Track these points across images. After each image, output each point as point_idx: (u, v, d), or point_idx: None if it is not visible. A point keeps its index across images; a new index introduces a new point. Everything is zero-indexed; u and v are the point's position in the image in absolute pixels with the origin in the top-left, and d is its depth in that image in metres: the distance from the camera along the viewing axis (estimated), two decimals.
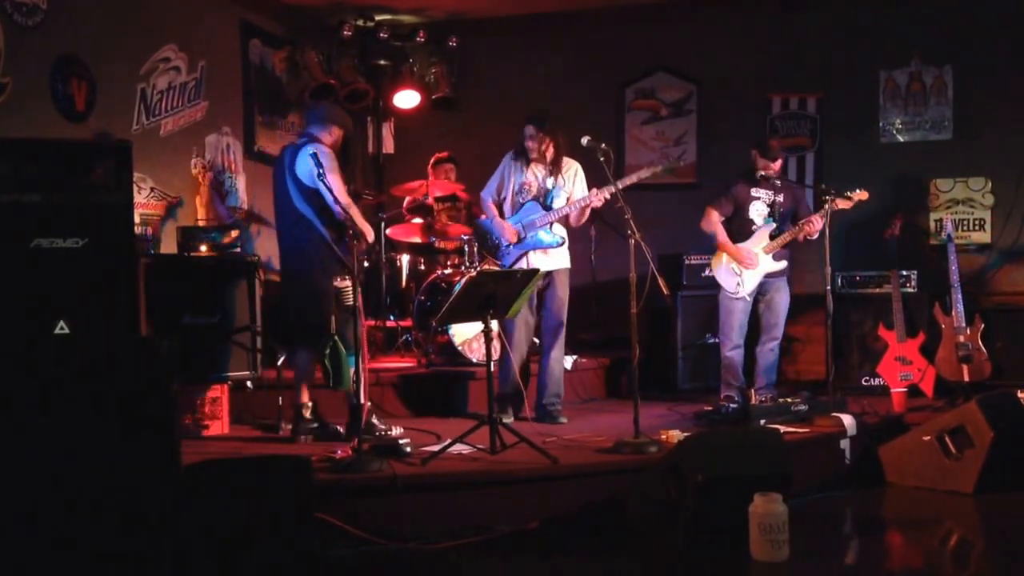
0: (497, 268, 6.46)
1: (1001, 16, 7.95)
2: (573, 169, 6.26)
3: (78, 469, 3.60)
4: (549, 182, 6.23)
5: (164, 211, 7.18)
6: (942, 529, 5.10)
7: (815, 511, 5.07)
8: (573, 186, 6.23)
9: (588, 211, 6.20)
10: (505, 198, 6.35)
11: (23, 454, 3.57)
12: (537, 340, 6.51)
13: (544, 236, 6.19)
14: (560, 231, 6.27)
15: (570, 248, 6.33)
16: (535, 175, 6.27)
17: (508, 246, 6.26)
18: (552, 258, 6.22)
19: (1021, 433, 5.36)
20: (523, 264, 6.18)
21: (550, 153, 6.21)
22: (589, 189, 6.16)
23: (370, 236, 5.60)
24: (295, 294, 5.64)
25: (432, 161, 8.27)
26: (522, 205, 6.25)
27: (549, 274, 6.18)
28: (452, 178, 8.20)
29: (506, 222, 6.28)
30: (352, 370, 5.45)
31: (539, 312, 6.28)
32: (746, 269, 6.58)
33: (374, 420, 5.64)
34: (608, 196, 5.98)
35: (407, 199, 8.19)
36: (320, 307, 5.51)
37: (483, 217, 6.62)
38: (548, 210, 6.17)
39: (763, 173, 6.63)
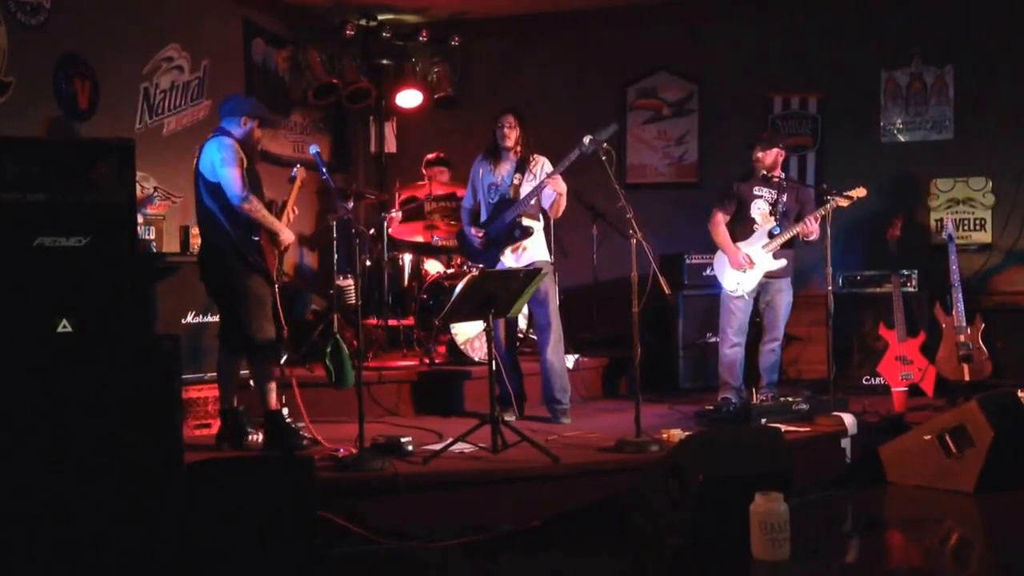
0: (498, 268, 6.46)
1: (1001, 16, 7.96)
2: (541, 163, 6.23)
3: (80, 468, 3.62)
4: (516, 178, 6.21)
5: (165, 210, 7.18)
6: (942, 528, 5.11)
7: (816, 510, 5.07)
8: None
9: (563, 197, 6.11)
10: (479, 202, 6.39)
11: (25, 453, 3.58)
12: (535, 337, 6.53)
13: (515, 231, 6.17)
14: (531, 222, 6.19)
15: (571, 248, 6.35)
16: (502, 175, 6.27)
17: (482, 248, 6.26)
18: (530, 252, 6.21)
19: (1021, 432, 5.37)
20: (504, 261, 6.18)
21: (521, 147, 6.24)
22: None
23: (285, 236, 5.41)
24: (213, 294, 5.52)
25: (424, 162, 8.28)
26: (493, 205, 6.27)
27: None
28: (444, 180, 8.19)
29: (472, 226, 6.33)
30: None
31: (528, 309, 6.25)
32: (739, 272, 6.58)
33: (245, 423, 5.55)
34: (559, 175, 5.97)
35: (400, 198, 8.23)
36: (234, 307, 5.36)
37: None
38: (515, 203, 6.17)
39: (765, 172, 6.63)
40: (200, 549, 3.83)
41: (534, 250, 6.26)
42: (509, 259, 6.20)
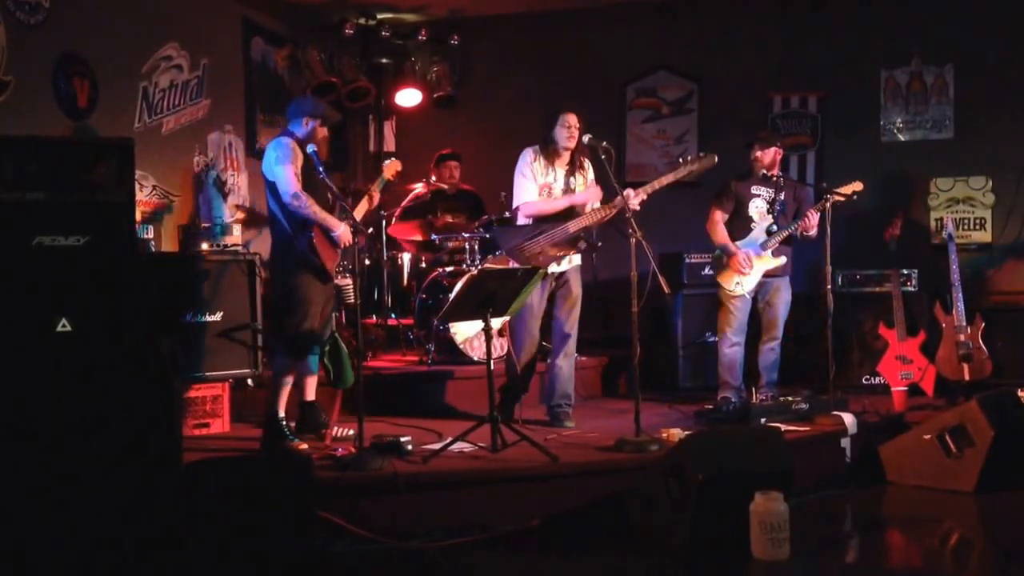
0: (498, 267, 6.43)
1: (1001, 16, 7.95)
2: (587, 165, 6.09)
3: (79, 468, 3.61)
4: (571, 182, 6.03)
5: (153, 209, 7.13)
6: (942, 528, 5.10)
7: (816, 509, 5.07)
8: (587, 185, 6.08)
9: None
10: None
11: (24, 452, 3.58)
12: (544, 342, 6.46)
13: (579, 242, 5.94)
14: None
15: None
16: (555, 176, 6.01)
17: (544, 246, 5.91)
18: (569, 257, 6.07)
19: (1021, 432, 5.37)
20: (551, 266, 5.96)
21: (575, 150, 5.99)
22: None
23: (339, 233, 5.38)
24: (273, 293, 5.58)
25: (436, 158, 8.26)
26: None
27: (563, 274, 6.07)
28: (457, 175, 8.19)
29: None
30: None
31: (552, 312, 6.12)
32: (740, 274, 6.56)
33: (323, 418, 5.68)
34: (645, 197, 5.80)
35: (406, 199, 8.21)
36: (278, 302, 5.43)
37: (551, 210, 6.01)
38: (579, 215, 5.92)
39: (763, 171, 6.63)
40: (199, 549, 3.82)
41: (575, 256, 6.10)
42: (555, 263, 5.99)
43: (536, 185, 5.97)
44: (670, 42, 8.89)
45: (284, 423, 5.42)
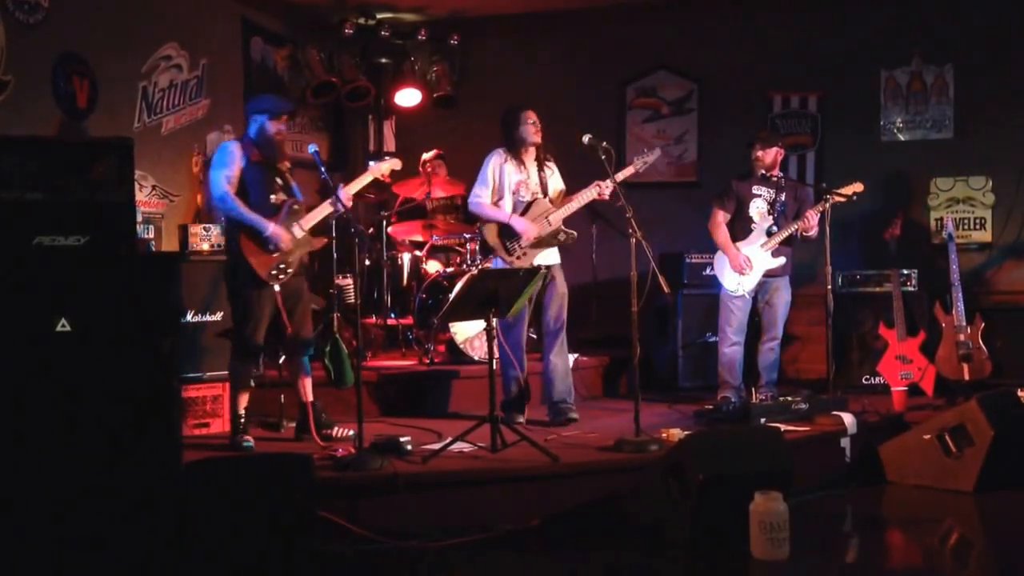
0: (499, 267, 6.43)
1: (1001, 16, 7.95)
2: (552, 163, 6.26)
3: (79, 467, 3.61)
4: (544, 176, 6.18)
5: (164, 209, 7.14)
6: (942, 528, 5.10)
7: (815, 509, 5.07)
8: (556, 181, 6.25)
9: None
10: (501, 198, 6.16)
11: (24, 453, 3.57)
12: (535, 336, 6.48)
13: (559, 234, 6.09)
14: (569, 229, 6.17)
15: (571, 248, 6.28)
16: (527, 172, 6.16)
17: (524, 246, 6.06)
18: (551, 253, 6.16)
19: (1021, 432, 5.37)
20: (535, 259, 6.07)
21: (540, 145, 6.19)
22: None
23: (270, 234, 5.29)
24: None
25: (421, 163, 8.26)
26: (529, 203, 6.11)
27: (548, 269, 6.08)
28: (441, 174, 8.21)
29: (527, 221, 6.07)
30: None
31: (539, 310, 6.18)
32: (740, 275, 6.58)
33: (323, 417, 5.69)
34: (615, 187, 5.85)
35: (399, 199, 8.21)
36: (233, 310, 5.49)
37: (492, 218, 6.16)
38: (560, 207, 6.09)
39: (764, 171, 6.64)
40: (199, 549, 3.82)
41: (553, 251, 6.19)
42: (539, 257, 6.08)
43: (490, 185, 6.15)
44: (670, 42, 8.89)
45: (242, 420, 5.47)
